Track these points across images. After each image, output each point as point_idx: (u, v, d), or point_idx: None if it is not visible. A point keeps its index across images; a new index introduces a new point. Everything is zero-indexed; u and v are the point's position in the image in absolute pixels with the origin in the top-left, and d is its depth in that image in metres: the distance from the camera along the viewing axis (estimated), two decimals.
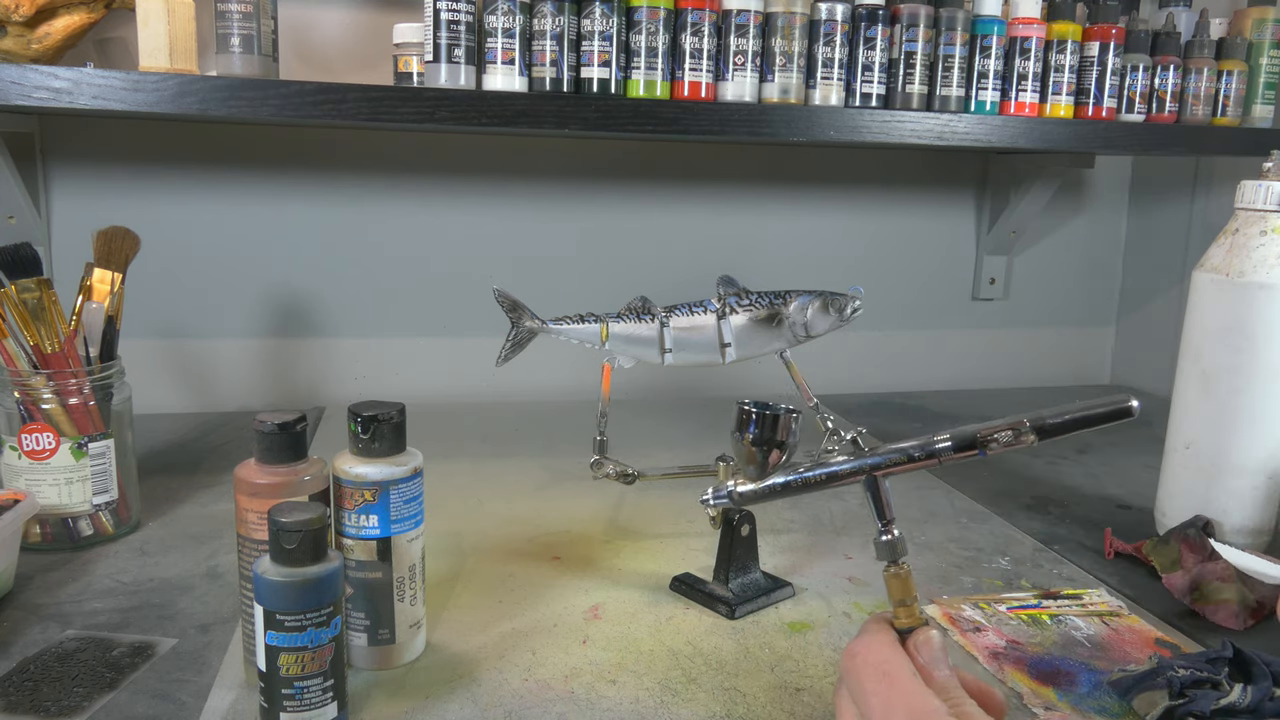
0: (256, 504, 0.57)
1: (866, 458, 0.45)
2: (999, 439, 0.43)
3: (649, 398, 1.32)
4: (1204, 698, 0.58)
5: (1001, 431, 0.43)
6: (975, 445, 0.43)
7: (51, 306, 0.79)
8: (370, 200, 1.26)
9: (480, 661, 0.64)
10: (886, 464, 0.45)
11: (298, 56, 1.18)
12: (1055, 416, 0.42)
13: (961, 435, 0.43)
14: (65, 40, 0.95)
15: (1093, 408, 0.42)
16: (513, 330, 0.78)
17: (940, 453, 0.44)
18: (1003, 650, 0.68)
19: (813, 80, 1.04)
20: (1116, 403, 0.42)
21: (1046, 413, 0.42)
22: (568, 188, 1.32)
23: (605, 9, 0.96)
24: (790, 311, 0.78)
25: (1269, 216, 0.80)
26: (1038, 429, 0.42)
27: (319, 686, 0.53)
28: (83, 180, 1.17)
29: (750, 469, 0.48)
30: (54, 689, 0.60)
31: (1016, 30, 1.10)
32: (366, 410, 0.61)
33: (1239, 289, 0.80)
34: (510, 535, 0.86)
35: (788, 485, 0.48)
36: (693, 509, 0.92)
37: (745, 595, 0.73)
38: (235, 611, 0.70)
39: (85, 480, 0.80)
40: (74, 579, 0.75)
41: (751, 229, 1.39)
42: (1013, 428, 0.42)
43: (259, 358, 1.27)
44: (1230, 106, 1.21)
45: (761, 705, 0.60)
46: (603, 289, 1.33)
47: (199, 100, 0.88)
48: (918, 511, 0.93)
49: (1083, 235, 1.53)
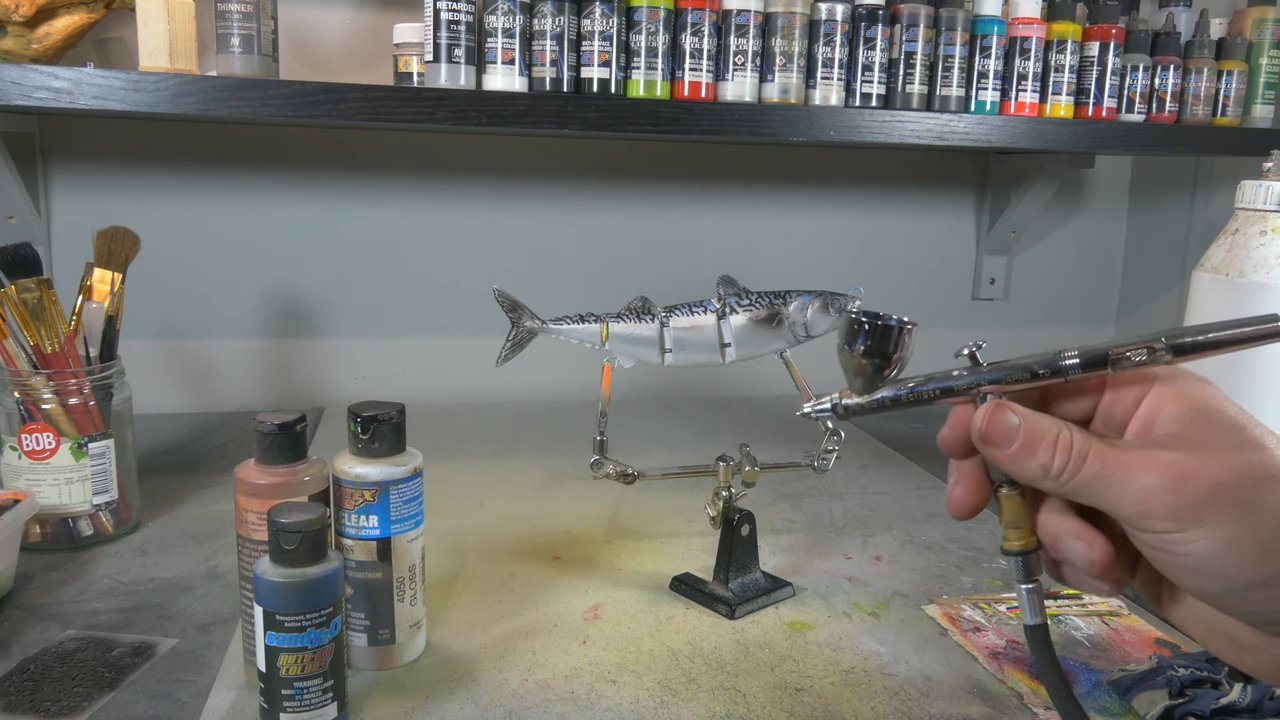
0: (256, 504, 0.57)
1: (985, 373, 0.41)
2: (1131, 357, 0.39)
3: (649, 398, 1.32)
4: (1204, 697, 0.58)
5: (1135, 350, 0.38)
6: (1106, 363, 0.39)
7: (51, 306, 0.79)
8: (370, 200, 1.26)
9: (480, 661, 0.64)
10: (1006, 379, 0.41)
11: (298, 56, 1.18)
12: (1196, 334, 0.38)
13: (1090, 352, 0.39)
14: (65, 40, 0.95)
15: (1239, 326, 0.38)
16: (513, 330, 0.78)
17: (1066, 370, 0.40)
18: (1003, 650, 0.68)
19: (813, 80, 1.04)
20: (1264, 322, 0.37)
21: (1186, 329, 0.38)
22: (568, 188, 1.32)
23: (605, 9, 0.96)
24: (790, 311, 0.78)
25: (1269, 216, 0.80)
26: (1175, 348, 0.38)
27: (319, 687, 0.53)
28: (83, 180, 1.17)
29: (858, 382, 0.44)
30: (54, 689, 0.60)
31: (1016, 30, 1.10)
32: (366, 410, 0.61)
33: (1239, 289, 0.80)
34: (510, 535, 0.86)
35: (898, 399, 0.44)
36: (693, 509, 0.92)
37: (745, 595, 0.73)
38: (235, 611, 0.70)
39: (85, 480, 0.80)
40: (74, 579, 0.75)
41: (751, 229, 1.39)
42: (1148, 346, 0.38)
43: (259, 358, 1.27)
44: (1230, 106, 1.21)
45: (761, 705, 0.60)
46: (603, 289, 1.33)
47: (199, 100, 0.88)
48: (918, 511, 0.93)
49: (1083, 235, 1.53)
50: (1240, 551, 0.35)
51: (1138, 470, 0.37)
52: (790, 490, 0.99)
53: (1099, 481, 0.38)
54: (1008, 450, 0.40)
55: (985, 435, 0.40)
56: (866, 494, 0.99)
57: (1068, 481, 0.38)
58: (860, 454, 1.12)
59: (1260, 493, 0.36)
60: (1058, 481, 0.39)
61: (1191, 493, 0.36)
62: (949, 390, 0.42)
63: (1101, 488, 0.38)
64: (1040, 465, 0.39)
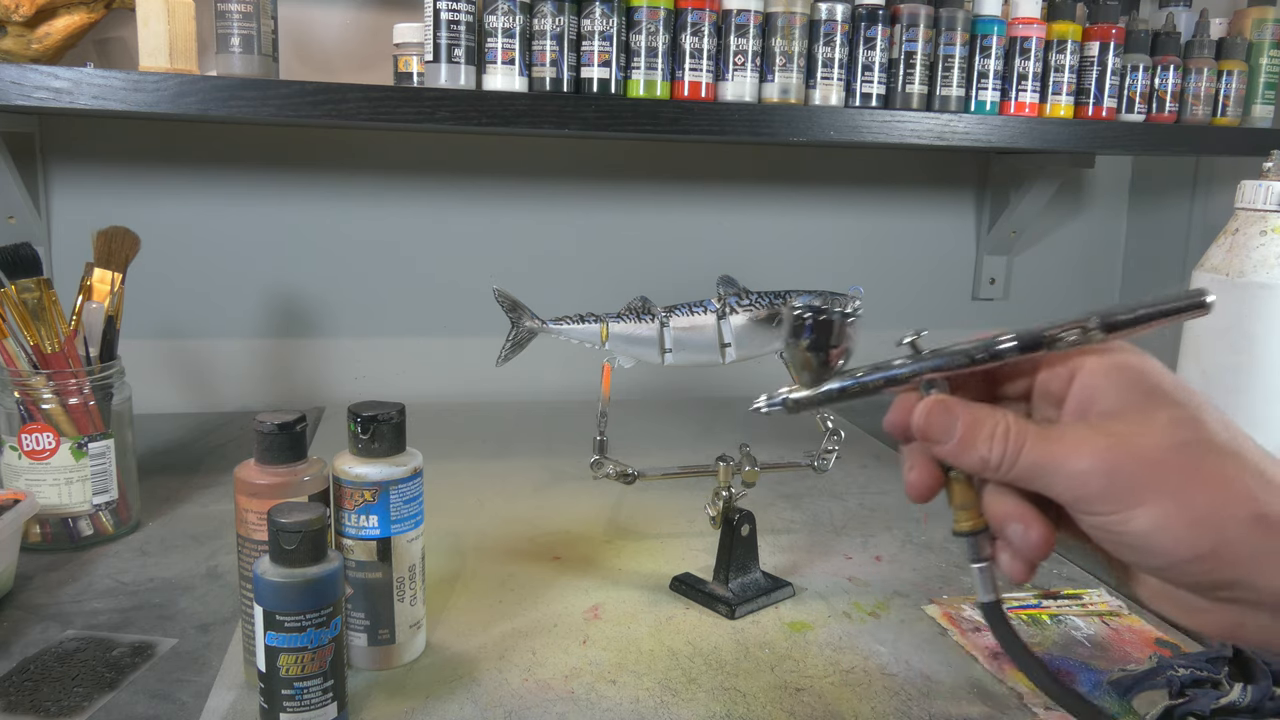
0: (256, 504, 0.57)
1: (926, 360, 0.42)
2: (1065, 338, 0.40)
3: (649, 398, 1.32)
4: (1204, 697, 0.58)
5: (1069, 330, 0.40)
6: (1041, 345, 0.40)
7: (51, 306, 0.79)
8: (370, 200, 1.26)
9: (480, 661, 0.64)
10: (946, 366, 0.42)
11: (298, 56, 1.18)
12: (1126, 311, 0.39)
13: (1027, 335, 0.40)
14: (65, 40, 0.95)
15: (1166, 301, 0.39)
16: (513, 330, 0.78)
17: (1004, 354, 0.41)
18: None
19: (813, 80, 1.04)
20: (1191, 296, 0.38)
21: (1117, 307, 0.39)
22: (568, 188, 1.32)
23: (605, 9, 0.96)
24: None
25: (1269, 216, 0.80)
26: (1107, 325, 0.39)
27: (319, 687, 0.53)
28: (83, 180, 1.17)
29: (805, 375, 0.46)
30: (54, 689, 0.60)
31: (1016, 30, 1.10)
32: (366, 410, 0.61)
33: (1239, 289, 0.80)
34: (510, 535, 0.86)
35: (844, 390, 0.45)
36: (693, 509, 0.92)
37: (745, 595, 0.73)
38: (235, 611, 0.70)
39: (85, 480, 0.80)
40: (74, 579, 0.75)
41: (751, 229, 1.39)
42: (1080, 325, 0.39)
43: (259, 358, 1.27)
44: (1230, 106, 1.21)
45: (761, 705, 0.60)
46: (603, 289, 1.33)
47: (199, 100, 0.88)
48: (918, 511, 0.93)
49: (1083, 235, 1.53)
50: (1176, 528, 0.36)
51: (1072, 456, 0.38)
52: (790, 490, 0.99)
53: (1037, 470, 0.39)
54: (947, 445, 0.41)
55: (924, 432, 0.42)
56: (866, 494, 0.99)
57: (1007, 471, 0.40)
58: (860, 454, 1.12)
59: (1194, 469, 0.37)
60: (997, 472, 0.40)
61: (1125, 476, 0.37)
62: (893, 380, 0.43)
63: (1039, 475, 0.39)
64: (979, 458, 0.40)
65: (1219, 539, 0.36)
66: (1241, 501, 0.36)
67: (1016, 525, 0.41)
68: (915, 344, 0.43)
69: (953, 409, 0.41)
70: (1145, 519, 0.37)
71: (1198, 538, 0.36)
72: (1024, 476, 0.39)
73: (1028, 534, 0.40)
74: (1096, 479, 0.37)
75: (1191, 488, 0.37)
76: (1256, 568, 0.36)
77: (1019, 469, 0.39)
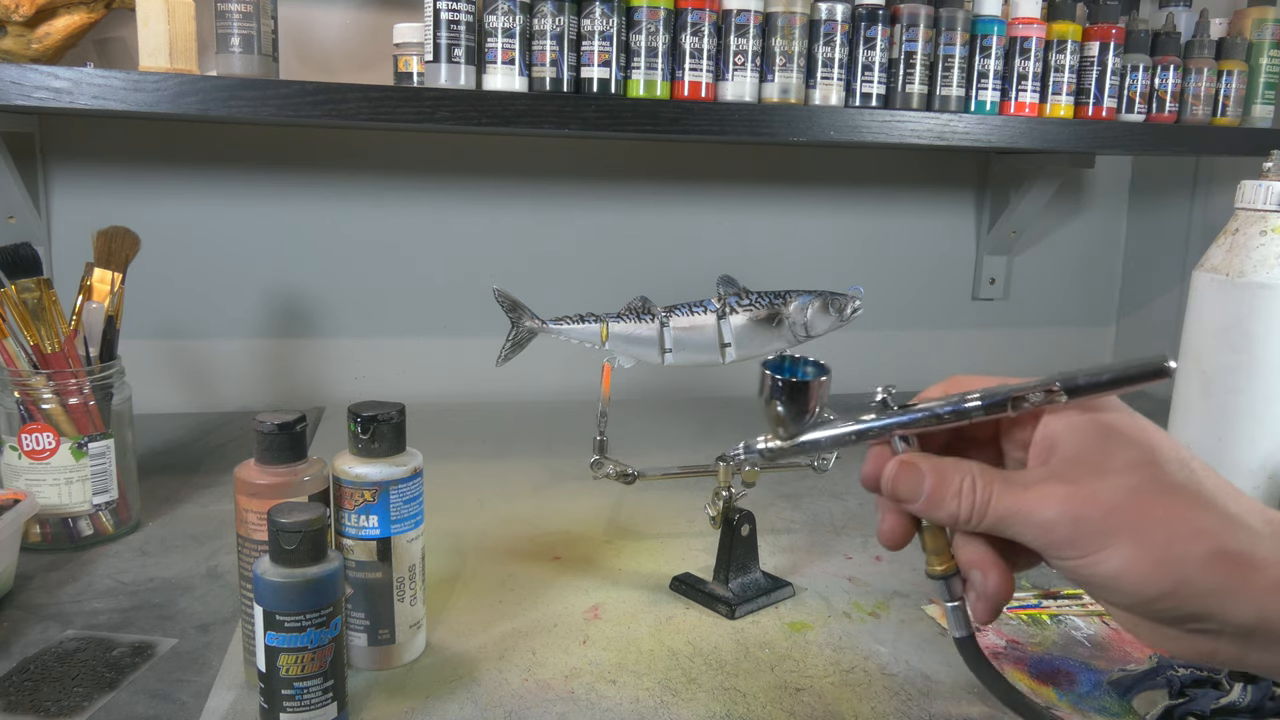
0: (256, 504, 0.57)
1: (896, 416, 0.45)
2: (1030, 399, 0.42)
3: (649, 398, 1.32)
4: (1204, 697, 0.58)
5: (1033, 392, 0.42)
6: (1006, 405, 0.42)
7: (51, 306, 0.79)
8: (370, 200, 1.26)
9: (480, 661, 0.64)
10: (914, 424, 0.45)
11: (298, 56, 1.18)
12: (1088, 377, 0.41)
13: (991, 395, 0.43)
14: (65, 40, 0.95)
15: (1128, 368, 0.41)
16: (513, 330, 0.78)
17: (969, 413, 0.43)
18: (1003, 650, 0.68)
19: (813, 80, 1.04)
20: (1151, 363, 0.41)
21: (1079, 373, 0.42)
22: (568, 188, 1.32)
23: (605, 9, 0.96)
24: (790, 311, 0.78)
25: (1269, 216, 0.80)
26: (1069, 389, 0.41)
27: (319, 687, 0.53)
28: (83, 180, 1.17)
29: (779, 430, 0.48)
30: (54, 689, 0.60)
31: (1016, 30, 1.10)
32: (366, 410, 0.61)
33: (1239, 289, 0.80)
34: (510, 535, 0.86)
35: (818, 443, 0.48)
36: (693, 509, 0.92)
37: (745, 595, 0.73)
38: (235, 611, 0.70)
39: (85, 480, 0.80)
40: (74, 579, 0.75)
41: (751, 229, 1.39)
42: (1045, 389, 0.42)
43: (259, 358, 1.27)
44: (1230, 106, 1.21)
45: (761, 705, 0.60)
46: (603, 289, 1.33)
47: (199, 100, 0.88)
48: None
49: (1083, 235, 1.53)
50: (1140, 570, 0.38)
51: (1037, 506, 0.40)
52: (790, 490, 0.99)
53: (1005, 520, 0.41)
54: (917, 504, 0.44)
55: (893, 493, 0.44)
56: (866, 494, 0.98)
57: (977, 524, 0.42)
58: (860, 454, 1.11)
59: (1149, 510, 0.38)
60: (968, 524, 0.42)
61: (1089, 522, 0.39)
62: (864, 434, 0.46)
63: (1007, 526, 0.41)
64: (948, 514, 0.43)
65: (1179, 578, 0.38)
66: (1198, 539, 0.38)
67: (977, 572, 0.43)
68: (886, 400, 0.46)
69: (918, 469, 0.43)
70: (1109, 564, 0.38)
71: (1160, 577, 0.38)
72: (994, 527, 0.42)
73: (986, 581, 0.43)
74: (1062, 527, 0.39)
75: (1150, 529, 0.38)
76: (1218, 602, 0.37)
77: (989, 520, 0.41)
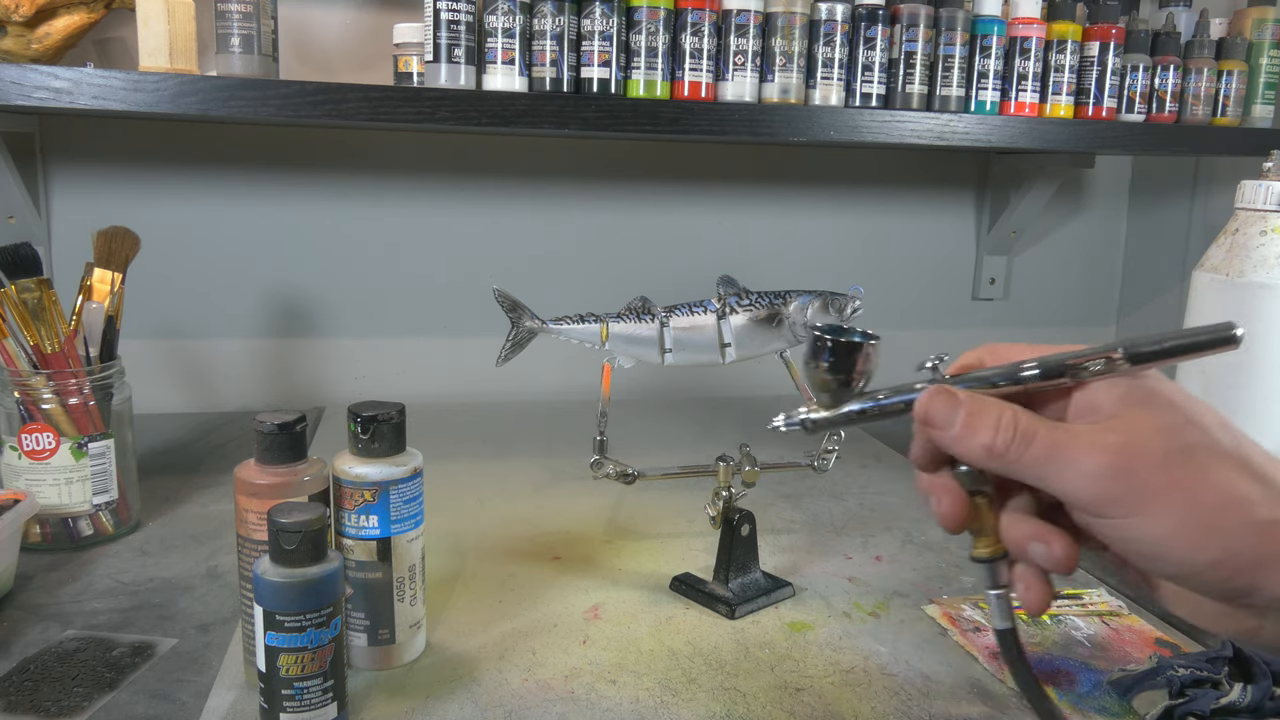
0: (256, 504, 0.57)
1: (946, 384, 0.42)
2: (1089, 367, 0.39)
3: (649, 398, 1.32)
4: (1204, 697, 0.58)
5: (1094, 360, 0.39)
6: (1064, 373, 0.39)
7: (51, 306, 0.79)
8: (370, 200, 1.26)
9: (480, 661, 0.64)
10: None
11: (298, 56, 1.18)
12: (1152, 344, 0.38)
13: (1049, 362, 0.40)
14: (65, 40, 0.95)
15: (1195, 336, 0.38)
16: (513, 330, 0.78)
17: (1025, 380, 0.40)
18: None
19: (813, 80, 1.04)
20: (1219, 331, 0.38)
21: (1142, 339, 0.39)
22: (568, 188, 1.32)
23: (605, 9, 0.96)
24: (790, 311, 0.78)
25: (1269, 216, 0.80)
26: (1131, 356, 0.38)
27: (319, 687, 0.53)
28: (83, 180, 1.17)
29: (824, 397, 0.45)
30: (54, 689, 0.60)
31: (1016, 30, 1.10)
32: (366, 410, 0.61)
33: (1239, 289, 0.80)
34: (510, 535, 0.86)
35: (863, 413, 0.44)
36: (693, 509, 0.92)
37: (745, 595, 0.73)
38: (235, 611, 0.70)
39: (85, 480, 0.80)
40: (74, 579, 0.75)
41: (751, 229, 1.39)
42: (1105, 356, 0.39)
43: (259, 358, 1.27)
44: (1230, 106, 1.21)
45: (761, 705, 0.60)
46: (603, 289, 1.33)
47: (199, 100, 0.88)
48: (918, 511, 0.93)
49: (1083, 235, 1.53)
50: (1188, 536, 0.36)
51: (1082, 453, 0.37)
52: (790, 490, 0.99)
53: (1046, 463, 0.38)
54: (949, 431, 0.40)
55: (926, 417, 0.41)
56: (866, 494, 0.99)
57: (1014, 461, 0.38)
58: (860, 454, 1.12)
59: (1199, 474, 0.36)
60: (1003, 460, 0.39)
61: (1136, 478, 0.36)
62: (912, 403, 0.42)
63: (1047, 470, 0.38)
64: (982, 445, 0.39)
65: (1228, 547, 0.36)
66: (1248, 507, 0.36)
67: (1038, 544, 0.40)
68: (936, 366, 0.43)
69: (955, 396, 0.40)
70: (1156, 526, 0.36)
71: (1209, 545, 0.36)
72: (1031, 468, 0.38)
73: (1051, 550, 0.39)
74: (1107, 480, 0.37)
75: (1200, 493, 0.36)
76: (1265, 574, 0.36)
77: (1028, 458, 0.38)
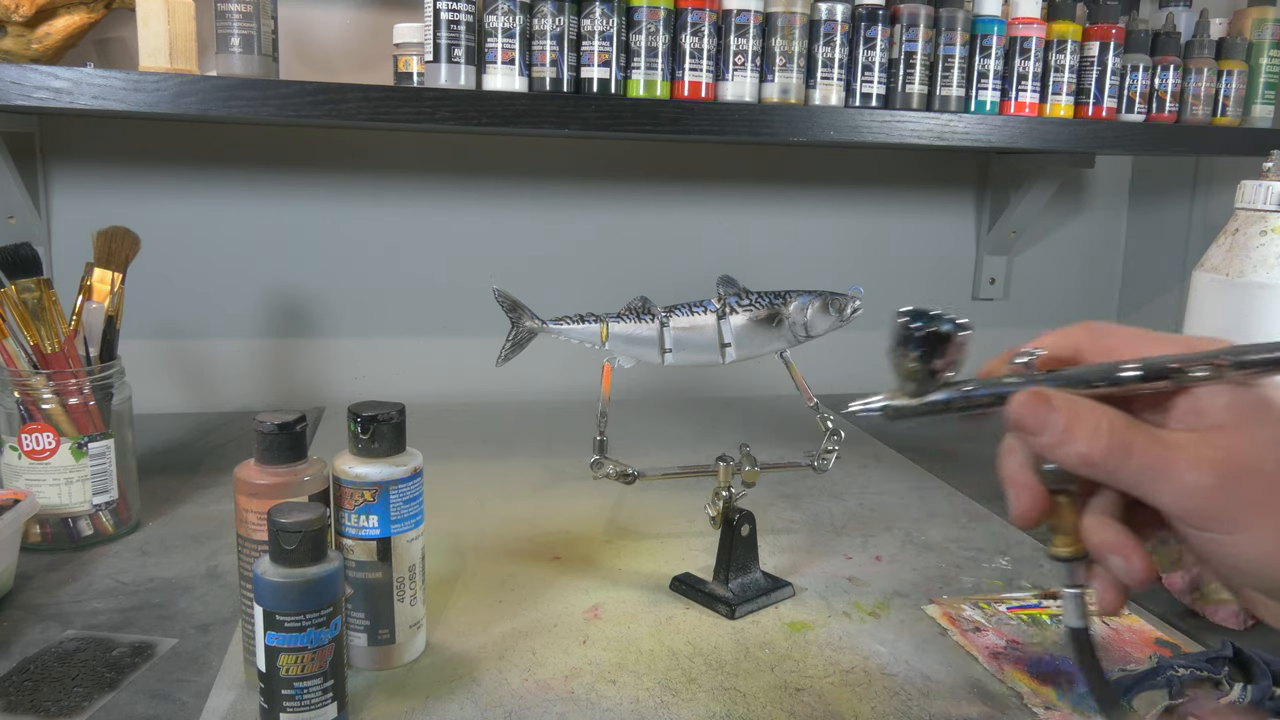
0: (256, 504, 0.57)
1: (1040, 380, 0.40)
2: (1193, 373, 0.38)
3: (649, 398, 1.32)
4: (1204, 697, 0.58)
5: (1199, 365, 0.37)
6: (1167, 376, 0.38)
7: (51, 306, 0.79)
8: (370, 200, 1.26)
9: (480, 661, 0.64)
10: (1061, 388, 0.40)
11: (298, 56, 1.18)
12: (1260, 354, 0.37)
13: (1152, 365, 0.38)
14: (65, 40, 0.95)
15: None
16: (513, 330, 0.78)
17: (1124, 381, 0.38)
18: (1003, 650, 0.68)
19: (813, 80, 1.04)
20: None
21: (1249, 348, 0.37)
22: (568, 188, 1.32)
23: (605, 9, 0.96)
24: (790, 311, 0.78)
25: (1269, 216, 0.80)
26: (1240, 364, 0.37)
27: (319, 687, 0.53)
28: (83, 180, 1.17)
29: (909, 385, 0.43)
30: (54, 689, 0.60)
31: (1016, 30, 1.10)
32: (366, 410, 0.61)
33: (1239, 289, 0.80)
34: (510, 535, 0.86)
35: (949, 403, 0.42)
36: (693, 509, 0.92)
37: (745, 595, 0.73)
38: (235, 611, 0.70)
39: (85, 480, 0.80)
40: (74, 579, 0.75)
41: (752, 229, 1.39)
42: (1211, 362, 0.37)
43: (259, 358, 1.27)
44: (1230, 106, 1.21)
45: (761, 705, 0.60)
46: (603, 289, 1.33)
47: (199, 100, 0.88)
48: (918, 511, 0.93)
49: (1083, 235, 1.53)
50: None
51: (1185, 467, 0.36)
52: (790, 490, 0.99)
53: (1144, 473, 0.37)
54: (1044, 438, 0.38)
55: (1020, 422, 0.39)
56: (866, 494, 0.99)
57: (1114, 470, 0.37)
58: (860, 454, 1.12)
59: None
60: (1100, 469, 0.37)
61: (1242, 493, 0.35)
62: (1002, 398, 0.40)
63: (1147, 480, 0.37)
64: (1078, 454, 0.38)
65: None
66: None
67: (1118, 558, 0.39)
68: (1030, 361, 0.41)
69: (1050, 400, 0.38)
70: (1258, 545, 0.35)
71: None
72: (1130, 477, 0.37)
73: (1130, 566, 0.38)
74: (1209, 494, 0.35)
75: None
76: None
77: (1128, 469, 0.37)
